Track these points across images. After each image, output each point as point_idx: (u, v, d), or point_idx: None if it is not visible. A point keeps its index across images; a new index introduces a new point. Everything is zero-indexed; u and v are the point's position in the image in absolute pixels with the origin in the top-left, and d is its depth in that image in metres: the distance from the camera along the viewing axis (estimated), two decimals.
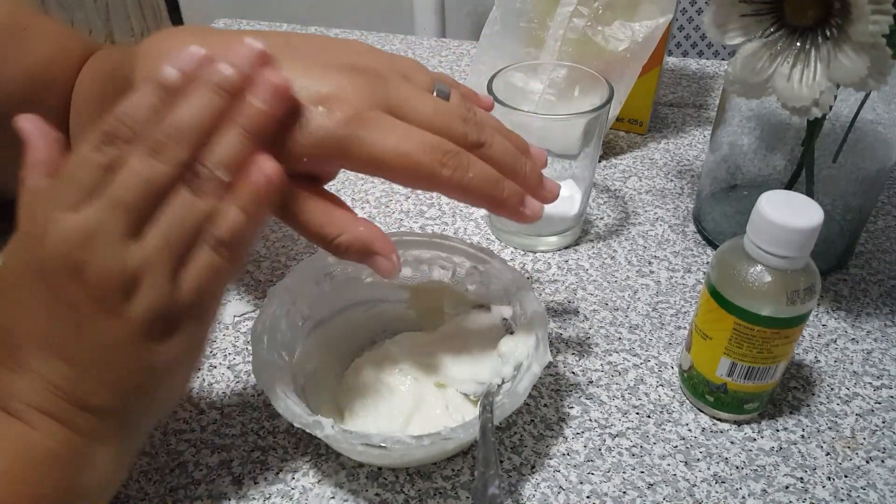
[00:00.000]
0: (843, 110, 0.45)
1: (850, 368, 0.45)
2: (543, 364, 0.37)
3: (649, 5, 0.58)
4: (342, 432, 0.34)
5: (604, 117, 0.50)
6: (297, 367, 0.40)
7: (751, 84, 0.40)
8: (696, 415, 0.42)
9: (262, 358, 0.37)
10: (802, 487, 0.38)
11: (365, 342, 0.46)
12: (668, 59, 0.80)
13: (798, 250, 0.35)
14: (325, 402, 0.41)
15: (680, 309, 0.49)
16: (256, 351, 0.37)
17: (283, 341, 0.40)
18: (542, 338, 0.39)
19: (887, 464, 0.39)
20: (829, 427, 0.41)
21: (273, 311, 0.40)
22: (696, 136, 0.68)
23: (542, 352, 0.38)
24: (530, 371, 0.37)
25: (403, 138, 0.32)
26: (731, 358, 0.39)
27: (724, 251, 0.38)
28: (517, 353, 0.40)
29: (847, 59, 0.36)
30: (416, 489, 0.38)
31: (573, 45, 0.58)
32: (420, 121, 0.33)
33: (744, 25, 0.40)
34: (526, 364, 0.38)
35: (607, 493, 0.38)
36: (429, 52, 0.85)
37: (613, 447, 0.40)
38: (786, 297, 0.36)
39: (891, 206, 0.59)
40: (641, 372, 0.45)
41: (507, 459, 0.39)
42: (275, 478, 0.39)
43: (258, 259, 0.53)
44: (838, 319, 0.49)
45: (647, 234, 0.56)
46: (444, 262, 0.45)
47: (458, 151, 0.33)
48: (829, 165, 0.47)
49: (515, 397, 0.36)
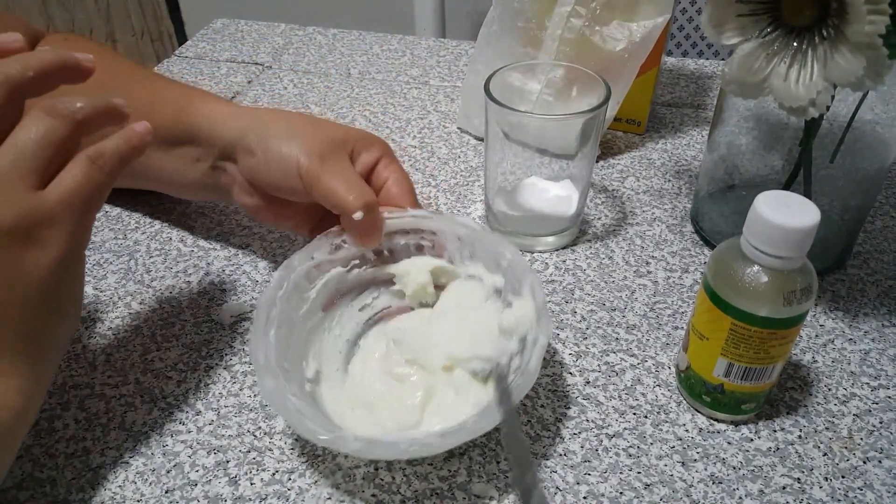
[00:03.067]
0: (841, 110, 0.45)
1: (847, 369, 0.45)
2: (549, 334, 0.37)
3: (647, 5, 0.58)
4: (368, 445, 0.34)
5: (601, 117, 0.50)
6: (299, 374, 0.40)
7: (748, 84, 0.40)
8: (693, 415, 0.42)
9: (268, 388, 0.36)
10: (799, 488, 0.38)
11: (360, 330, 0.46)
12: (666, 58, 0.80)
13: (795, 250, 0.35)
14: (335, 400, 0.41)
15: (677, 309, 0.49)
16: (262, 380, 0.37)
17: (281, 353, 0.39)
18: (542, 306, 0.38)
19: (884, 464, 0.39)
20: (826, 427, 0.41)
21: (263, 325, 0.39)
22: (693, 136, 0.68)
23: (546, 322, 0.37)
24: (538, 344, 0.36)
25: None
26: (728, 358, 0.39)
27: (721, 251, 0.38)
28: (520, 327, 0.39)
29: (844, 59, 0.36)
30: (413, 490, 0.38)
31: (571, 44, 0.58)
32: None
33: (740, 25, 0.40)
34: (531, 337, 0.38)
35: (604, 493, 0.38)
36: (428, 52, 0.85)
37: (610, 448, 0.40)
38: (782, 298, 0.36)
39: (889, 206, 0.59)
40: (638, 372, 0.45)
41: (504, 460, 0.39)
42: (271, 479, 0.39)
43: (255, 259, 0.53)
44: (836, 320, 0.48)
45: (645, 235, 0.56)
46: (425, 237, 0.44)
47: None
48: (826, 165, 0.47)
49: (529, 375, 0.35)
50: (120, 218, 0.57)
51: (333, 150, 0.44)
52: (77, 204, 0.33)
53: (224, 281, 0.51)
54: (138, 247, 0.54)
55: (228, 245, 0.55)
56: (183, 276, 0.52)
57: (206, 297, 0.50)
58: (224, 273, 0.52)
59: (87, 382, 0.44)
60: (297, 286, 0.42)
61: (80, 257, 0.35)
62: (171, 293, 0.50)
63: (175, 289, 0.50)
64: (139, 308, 0.49)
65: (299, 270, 0.42)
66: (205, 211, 0.58)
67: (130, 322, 0.48)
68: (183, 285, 0.51)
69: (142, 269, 0.52)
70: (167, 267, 0.52)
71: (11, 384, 0.32)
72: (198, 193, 0.52)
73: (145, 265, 0.52)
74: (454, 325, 0.43)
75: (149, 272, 0.52)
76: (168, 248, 0.54)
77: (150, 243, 0.55)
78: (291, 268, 0.42)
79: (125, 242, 0.55)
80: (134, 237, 0.55)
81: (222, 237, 0.55)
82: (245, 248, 0.54)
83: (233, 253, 0.54)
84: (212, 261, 0.53)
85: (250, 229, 0.56)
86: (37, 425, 0.41)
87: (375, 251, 0.45)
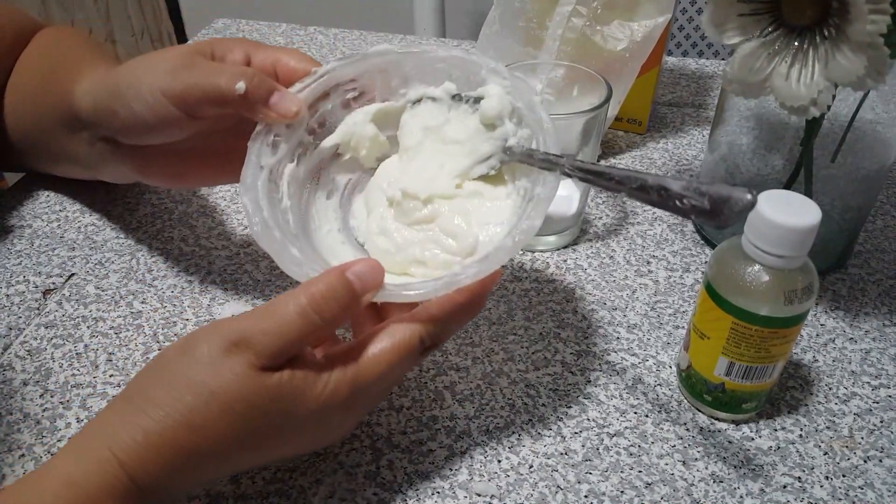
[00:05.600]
0: (842, 110, 0.45)
1: (848, 368, 0.45)
2: (535, 90, 0.35)
3: (648, 5, 0.58)
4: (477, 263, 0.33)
5: (602, 117, 0.50)
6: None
7: (749, 83, 0.40)
8: (694, 414, 0.42)
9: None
10: (800, 487, 0.38)
11: (342, 214, 0.43)
12: (667, 58, 0.80)
13: (796, 250, 0.35)
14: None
15: (678, 308, 0.49)
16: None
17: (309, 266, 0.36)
18: (510, 76, 0.37)
19: (885, 463, 0.39)
20: (827, 426, 0.41)
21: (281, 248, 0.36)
22: (694, 135, 0.68)
23: (525, 87, 0.36)
24: (534, 104, 0.36)
25: None
26: (728, 357, 0.39)
27: (723, 250, 0.38)
28: (503, 108, 0.38)
29: (845, 58, 0.36)
30: (415, 489, 0.38)
31: (572, 44, 0.58)
32: None
33: (742, 25, 0.40)
34: (522, 104, 0.37)
35: (605, 492, 0.38)
36: None
37: (611, 446, 0.40)
38: (783, 297, 0.36)
39: (889, 205, 0.59)
40: (639, 371, 0.45)
41: (505, 459, 0.40)
42: (273, 477, 0.39)
43: (256, 259, 0.53)
44: (837, 319, 0.49)
45: (646, 234, 0.56)
46: (347, 89, 0.42)
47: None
48: (827, 165, 0.47)
49: (548, 130, 0.35)
50: (122, 217, 0.57)
51: (190, 59, 0.41)
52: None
53: (226, 280, 0.51)
54: (140, 246, 0.54)
55: (230, 244, 0.55)
56: (184, 275, 0.52)
57: (207, 297, 0.50)
58: (226, 272, 0.52)
59: (89, 381, 0.44)
60: (271, 200, 0.38)
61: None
62: (173, 292, 0.50)
63: (177, 288, 0.51)
64: (141, 307, 0.49)
65: (261, 184, 0.38)
66: (206, 210, 0.58)
67: (132, 321, 0.48)
68: (185, 284, 0.51)
69: (143, 269, 0.52)
70: (169, 266, 0.52)
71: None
72: (112, 176, 0.52)
73: (147, 264, 0.53)
74: (437, 147, 0.40)
75: (150, 271, 0.52)
76: (170, 247, 0.54)
77: (151, 242, 0.55)
78: (251, 185, 0.38)
79: (127, 241, 0.55)
80: (135, 236, 0.55)
81: (224, 236, 0.55)
82: (246, 248, 0.54)
83: (234, 252, 0.54)
84: (213, 260, 0.53)
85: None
86: (38, 424, 0.41)
87: (308, 130, 0.42)
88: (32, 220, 0.56)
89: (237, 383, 0.31)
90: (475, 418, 0.42)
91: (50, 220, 0.56)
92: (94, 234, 0.55)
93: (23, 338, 0.46)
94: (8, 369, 0.44)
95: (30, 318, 0.48)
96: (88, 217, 0.57)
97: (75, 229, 0.56)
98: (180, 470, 0.31)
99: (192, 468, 0.31)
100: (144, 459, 0.30)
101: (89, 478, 0.30)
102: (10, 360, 0.45)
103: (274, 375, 0.31)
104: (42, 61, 0.54)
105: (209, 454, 0.31)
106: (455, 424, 0.41)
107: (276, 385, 0.31)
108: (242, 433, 0.31)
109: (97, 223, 0.56)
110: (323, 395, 0.32)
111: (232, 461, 0.32)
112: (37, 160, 0.56)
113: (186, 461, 0.31)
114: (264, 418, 0.31)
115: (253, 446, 0.32)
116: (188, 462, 0.31)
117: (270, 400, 0.31)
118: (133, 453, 0.30)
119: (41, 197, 0.59)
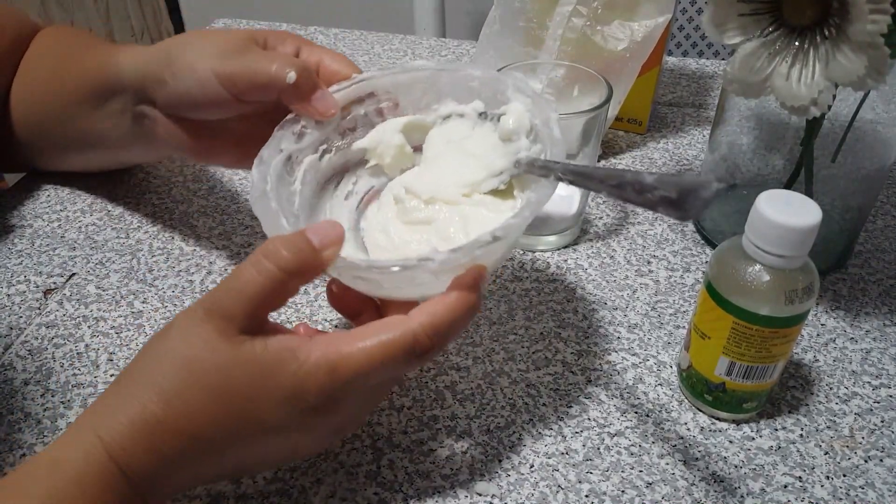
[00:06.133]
0: (843, 110, 0.45)
1: (848, 368, 0.45)
2: (553, 108, 0.36)
3: (648, 5, 0.58)
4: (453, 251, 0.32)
5: (603, 117, 0.50)
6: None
7: (749, 83, 0.40)
8: (695, 414, 0.42)
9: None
10: (801, 486, 0.38)
11: (356, 216, 0.43)
12: (667, 58, 0.80)
13: (796, 249, 0.35)
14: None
15: (679, 308, 0.49)
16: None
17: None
18: (534, 94, 0.36)
19: (886, 463, 0.40)
20: (827, 426, 0.42)
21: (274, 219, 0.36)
22: (695, 135, 0.68)
23: (544, 103, 0.36)
24: (549, 120, 0.36)
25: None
26: (729, 357, 0.39)
27: (723, 250, 0.38)
28: (521, 125, 0.38)
29: (845, 58, 0.36)
30: (415, 488, 0.38)
31: (572, 44, 0.58)
32: None
33: (742, 25, 0.40)
34: (540, 122, 0.37)
35: (606, 492, 0.38)
36: (428, 52, 0.85)
37: (612, 446, 0.40)
38: (784, 297, 0.36)
39: (890, 205, 0.59)
40: (640, 371, 0.45)
41: (506, 458, 0.40)
42: (273, 477, 0.39)
43: None
44: (837, 319, 0.49)
45: (646, 234, 0.56)
46: (382, 98, 0.43)
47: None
48: (828, 165, 0.47)
49: (556, 143, 0.35)
50: (122, 217, 0.57)
51: (244, 44, 0.42)
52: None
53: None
54: (141, 246, 0.54)
55: (230, 244, 0.55)
56: (185, 275, 0.52)
57: None
58: (226, 272, 0.52)
59: (90, 381, 0.44)
60: (281, 178, 0.39)
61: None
62: (174, 292, 0.50)
63: (177, 288, 0.51)
64: (142, 307, 0.49)
65: (276, 163, 0.39)
66: (207, 210, 0.58)
67: (133, 321, 0.48)
68: (185, 284, 0.51)
69: (144, 269, 0.52)
70: (169, 266, 0.52)
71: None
72: (134, 151, 0.53)
73: (147, 264, 0.53)
74: (455, 159, 0.41)
75: (151, 271, 0.52)
76: (170, 247, 0.54)
77: (152, 242, 0.55)
78: (266, 162, 0.39)
79: (128, 241, 0.55)
80: (136, 236, 0.55)
81: (224, 236, 0.55)
82: (247, 247, 0.54)
83: (234, 252, 0.54)
84: (214, 260, 0.53)
85: (252, 228, 0.56)
86: (39, 424, 0.41)
87: (339, 131, 0.43)
88: (33, 220, 0.56)
89: (208, 350, 0.31)
90: (476, 418, 0.42)
91: (51, 220, 0.56)
92: (94, 233, 0.55)
93: (24, 337, 0.47)
94: (9, 369, 0.44)
95: (31, 318, 0.48)
96: (89, 217, 0.57)
97: (76, 229, 0.56)
98: (164, 454, 0.31)
99: (176, 452, 0.31)
100: (124, 437, 0.30)
101: (74, 461, 0.30)
102: (10, 360, 0.45)
103: (246, 343, 0.31)
104: (52, 51, 0.55)
105: (189, 436, 0.31)
106: (456, 424, 0.41)
107: (250, 353, 0.31)
108: (217, 407, 0.31)
109: (98, 223, 0.56)
110: (299, 373, 0.31)
111: (216, 448, 0.32)
112: (47, 153, 0.57)
113: (167, 440, 0.30)
114: (239, 390, 0.31)
115: (232, 428, 0.31)
116: (169, 442, 0.31)
117: (243, 371, 0.31)
118: (115, 433, 0.30)
119: (42, 197, 0.59)
